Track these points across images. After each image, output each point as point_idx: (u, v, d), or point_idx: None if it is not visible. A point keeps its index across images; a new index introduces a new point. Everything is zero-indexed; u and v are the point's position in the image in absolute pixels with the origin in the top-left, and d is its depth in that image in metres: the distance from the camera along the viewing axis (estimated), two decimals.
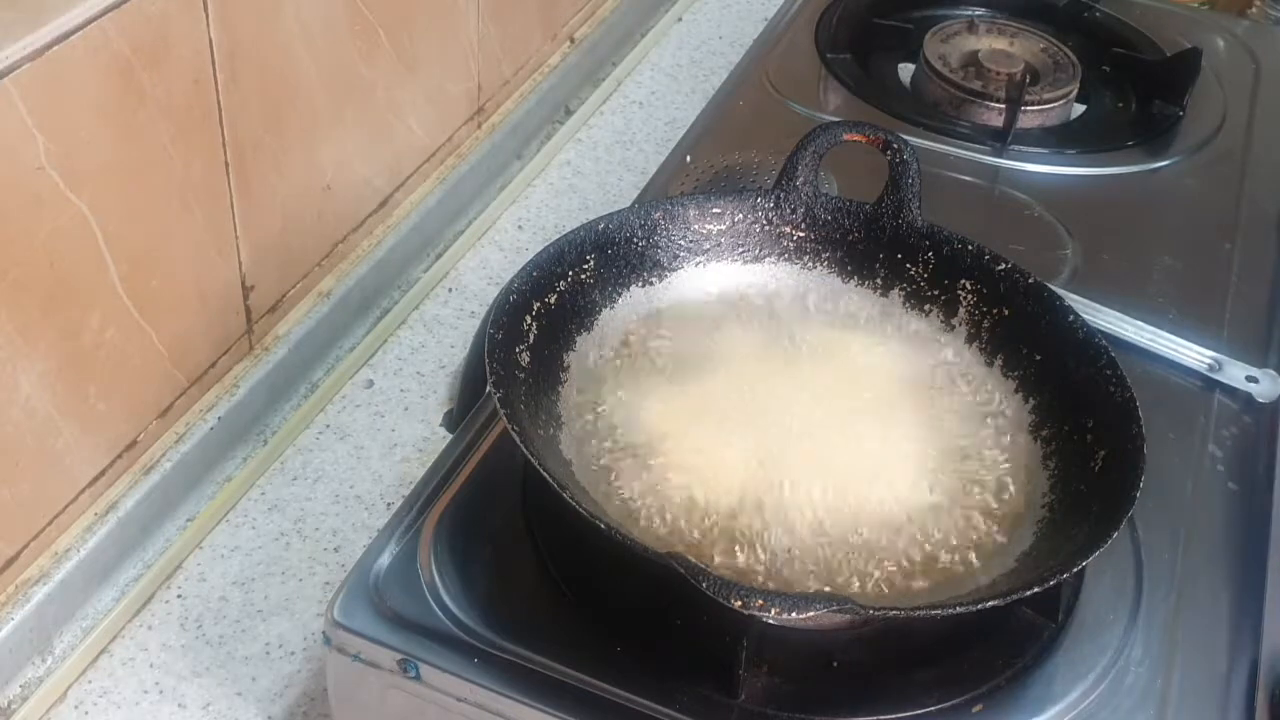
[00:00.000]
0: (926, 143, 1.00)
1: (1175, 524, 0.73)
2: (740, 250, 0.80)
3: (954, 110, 1.06)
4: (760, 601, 0.55)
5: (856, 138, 0.78)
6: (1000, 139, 1.02)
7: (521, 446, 0.62)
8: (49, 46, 0.65)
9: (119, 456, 0.81)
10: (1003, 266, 0.77)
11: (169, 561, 0.82)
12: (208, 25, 0.75)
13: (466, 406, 0.77)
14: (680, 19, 1.38)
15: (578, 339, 0.74)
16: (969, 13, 1.17)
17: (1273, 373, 0.82)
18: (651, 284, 0.78)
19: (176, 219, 0.79)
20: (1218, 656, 0.67)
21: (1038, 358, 0.74)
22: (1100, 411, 0.69)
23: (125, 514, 0.80)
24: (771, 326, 0.78)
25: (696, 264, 0.79)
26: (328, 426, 0.93)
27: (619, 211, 0.78)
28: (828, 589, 0.63)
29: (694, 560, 0.57)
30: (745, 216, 0.80)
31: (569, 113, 1.22)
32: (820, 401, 0.72)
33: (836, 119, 0.91)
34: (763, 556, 0.64)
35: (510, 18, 1.11)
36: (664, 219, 0.78)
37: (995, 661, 0.64)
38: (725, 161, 0.98)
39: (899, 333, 0.78)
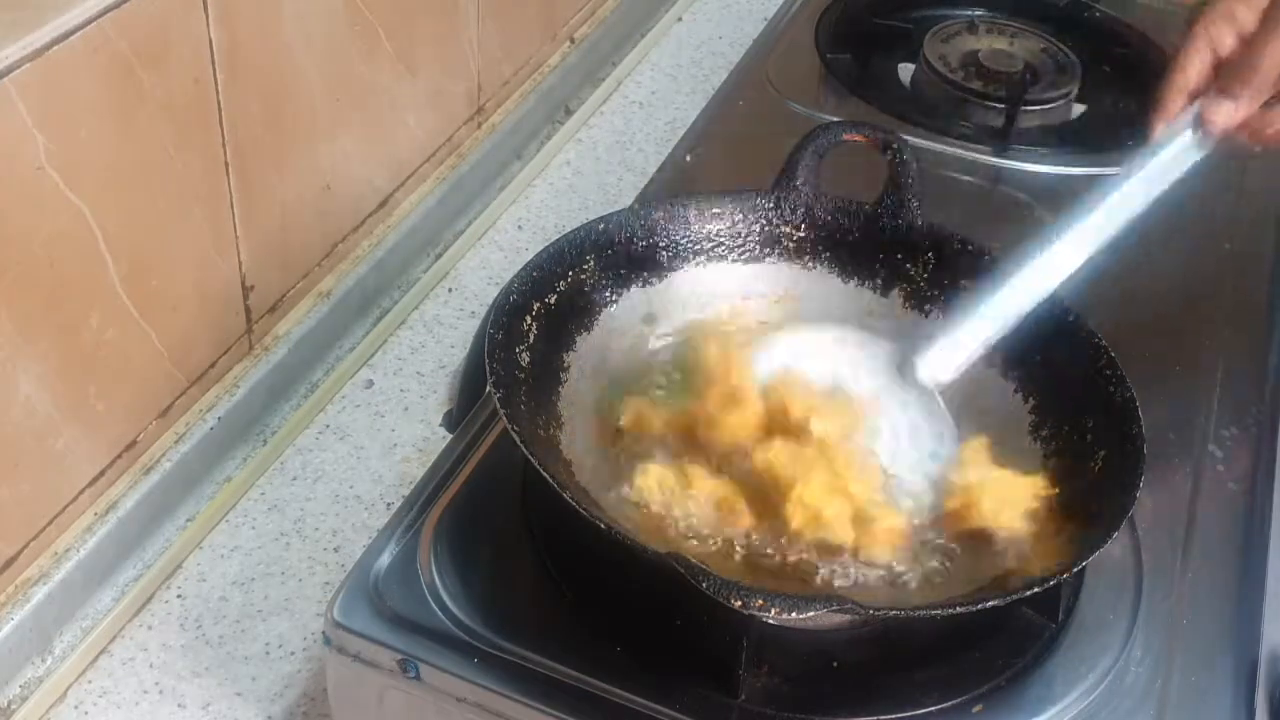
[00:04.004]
0: (926, 143, 1.00)
1: (1175, 524, 0.73)
2: (740, 250, 0.80)
3: (954, 110, 1.06)
4: (760, 601, 0.55)
5: (856, 138, 0.78)
6: (1000, 139, 1.02)
7: (521, 447, 0.62)
8: (49, 46, 0.65)
9: (119, 456, 0.81)
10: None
11: (169, 561, 0.82)
12: (208, 25, 0.75)
13: (466, 406, 0.77)
14: (680, 19, 1.38)
15: (578, 339, 0.74)
16: (969, 13, 1.17)
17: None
18: (651, 284, 0.78)
19: (176, 219, 0.79)
20: (1218, 656, 0.67)
21: (1037, 358, 0.74)
22: (1100, 411, 0.69)
23: (125, 514, 0.80)
24: (771, 326, 0.77)
25: (696, 264, 0.79)
26: (327, 426, 0.93)
27: (619, 211, 0.78)
28: (828, 589, 0.63)
29: (694, 560, 0.57)
30: (745, 216, 0.80)
31: (569, 113, 1.22)
32: (820, 402, 0.72)
33: (836, 119, 0.91)
34: (763, 556, 0.64)
35: (510, 18, 1.11)
36: (664, 219, 0.78)
37: (995, 661, 0.64)
38: (725, 161, 0.98)
39: (899, 333, 0.78)
